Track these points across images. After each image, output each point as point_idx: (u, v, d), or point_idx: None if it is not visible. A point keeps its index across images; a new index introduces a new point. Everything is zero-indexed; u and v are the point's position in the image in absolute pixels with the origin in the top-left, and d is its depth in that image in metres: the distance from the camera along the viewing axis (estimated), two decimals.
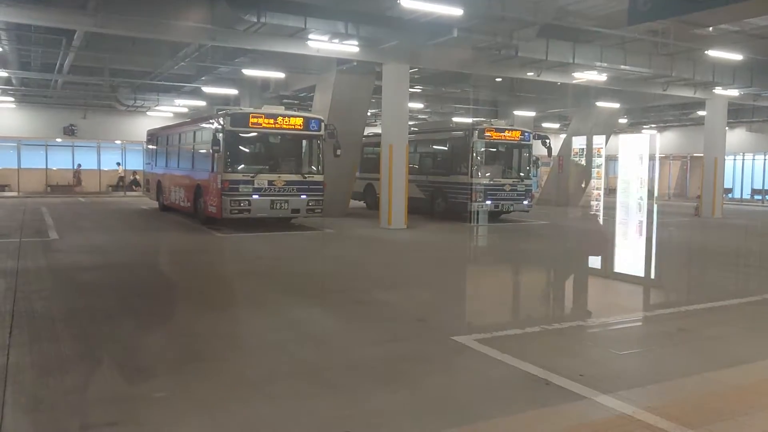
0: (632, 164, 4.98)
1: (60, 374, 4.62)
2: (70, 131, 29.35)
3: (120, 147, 31.87)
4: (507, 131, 17.73)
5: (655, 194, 4.73)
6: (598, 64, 15.85)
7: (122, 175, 31.60)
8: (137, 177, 30.35)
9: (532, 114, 27.30)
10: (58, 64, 18.88)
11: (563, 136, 29.27)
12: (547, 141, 17.57)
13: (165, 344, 5.52)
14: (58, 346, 5.36)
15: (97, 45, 17.18)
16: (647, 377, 4.76)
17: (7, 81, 22.98)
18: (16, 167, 29.52)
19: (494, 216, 17.51)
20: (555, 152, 19.69)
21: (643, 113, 29.39)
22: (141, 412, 3.92)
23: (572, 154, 23.21)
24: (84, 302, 7.15)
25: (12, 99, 26.81)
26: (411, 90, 18.01)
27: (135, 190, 29.63)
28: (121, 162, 31.93)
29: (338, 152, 14.50)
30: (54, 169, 30.53)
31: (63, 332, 5.82)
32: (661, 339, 6.00)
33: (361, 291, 7.96)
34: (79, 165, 30.92)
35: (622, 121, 29.42)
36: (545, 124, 30.37)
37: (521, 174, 17.75)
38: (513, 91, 24.14)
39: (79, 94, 25.81)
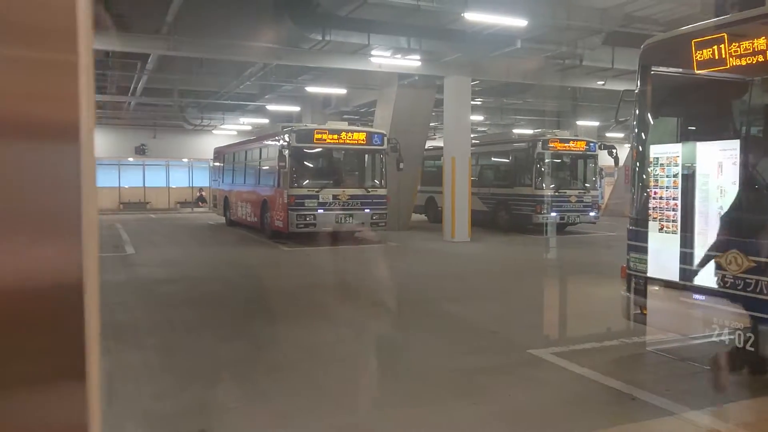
0: (711, 173, 4.78)
1: (146, 382, 4.79)
2: (141, 150, 30.59)
3: (187, 165, 32.98)
4: (572, 141, 17.42)
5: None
6: None
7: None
8: (203, 193, 31.30)
9: (597, 124, 26.72)
10: (132, 86, 19.77)
11: (628, 146, 28.51)
12: (614, 151, 17.14)
13: (242, 354, 5.65)
14: (142, 355, 5.57)
15: (167, 67, 17.92)
16: (739, 393, 4.55)
17: None
18: None
19: (560, 228, 17.17)
20: (621, 162, 19.15)
21: None
22: (226, 421, 4.02)
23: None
24: (164, 314, 7.41)
25: None
26: (471, 102, 17.95)
27: (201, 206, 30.55)
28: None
29: (401, 166, 14.58)
30: (126, 187, 31.87)
31: (146, 342, 6.04)
32: None
33: (430, 303, 7.94)
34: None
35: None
36: (609, 134, 29.64)
37: (587, 185, 17.38)
38: (576, 101, 23.71)
39: (149, 114, 26.93)
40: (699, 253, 4.75)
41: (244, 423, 4.00)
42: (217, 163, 22.43)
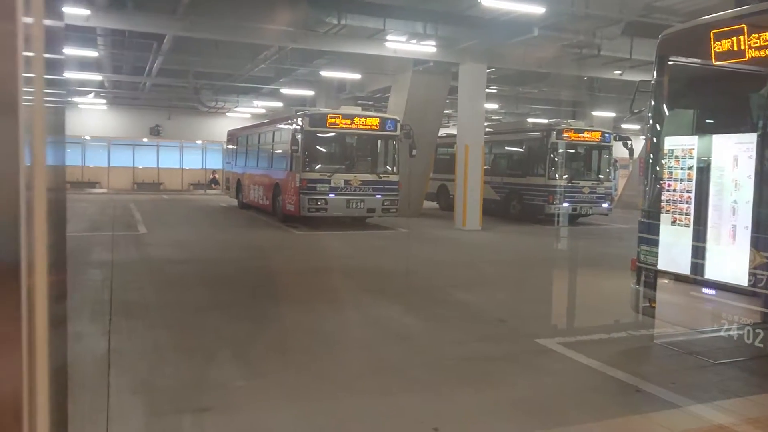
0: (726, 166, 4.72)
1: (156, 360, 4.85)
2: (155, 131, 30.72)
3: (201, 147, 33.10)
4: (586, 132, 17.28)
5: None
6: None
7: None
8: (216, 176, 31.43)
9: (612, 115, 26.46)
10: (147, 67, 19.82)
11: (644, 137, 28.18)
12: (629, 143, 16.99)
13: (252, 336, 5.69)
14: (153, 334, 5.63)
15: (183, 48, 17.92)
16: (746, 388, 4.53)
17: (100, 84, 24.31)
18: (106, 166, 31.22)
19: (572, 219, 17.09)
20: (636, 154, 19.01)
21: None
22: (232, 400, 4.06)
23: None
24: (175, 294, 7.48)
25: (104, 101, 28.34)
26: (486, 90, 17.83)
27: (214, 188, 30.69)
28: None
29: (414, 152, 14.54)
30: (140, 167, 32.06)
31: (157, 321, 6.10)
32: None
33: (440, 290, 7.95)
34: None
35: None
36: (625, 126, 29.38)
37: (601, 176, 17.27)
38: (592, 91, 23.47)
39: (164, 96, 27.00)
40: (711, 247, 4.72)
41: (250, 401, 4.04)
42: (230, 146, 22.50)
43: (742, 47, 4.48)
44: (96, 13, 12.18)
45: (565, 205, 16.43)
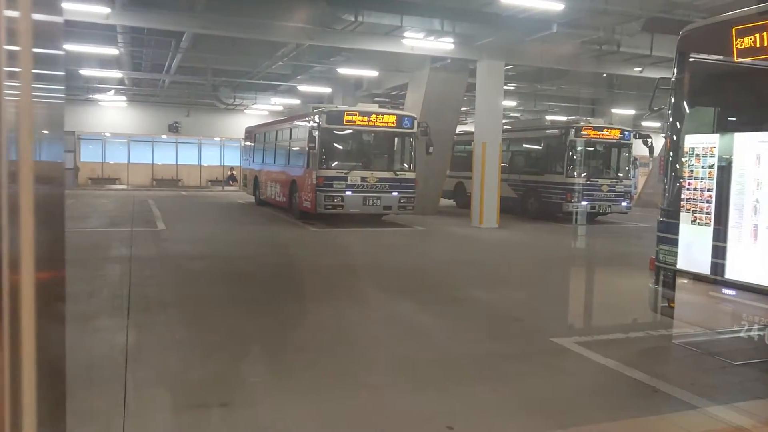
0: (748, 164, 4.64)
1: (174, 355, 4.90)
2: (174, 128, 30.97)
3: (219, 143, 33.32)
4: (606, 130, 17.13)
5: None
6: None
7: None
8: (234, 172, 31.62)
9: (632, 112, 26.20)
10: (166, 64, 19.99)
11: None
12: (649, 140, 16.80)
13: (266, 331, 5.72)
14: (170, 329, 5.68)
15: (201, 46, 18.04)
16: (767, 389, 4.46)
17: (120, 81, 24.56)
18: (126, 162, 31.55)
19: (590, 217, 16.95)
20: (656, 152, 18.79)
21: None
22: (250, 395, 4.09)
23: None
24: (192, 290, 7.54)
25: (124, 98, 28.63)
26: (504, 87, 17.73)
27: (232, 185, 30.87)
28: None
29: (430, 150, 14.51)
30: (159, 164, 32.35)
31: (174, 317, 6.16)
32: None
33: (456, 288, 7.93)
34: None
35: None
36: (645, 123, 29.05)
37: (620, 174, 17.10)
38: (612, 89, 23.24)
39: (183, 93, 27.21)
40: (732, 246, 4.65)
41: (265, 397, 4.06)
42: (248, 143, 22.62)
43: (765, 44, 4.41)
44: (116, 11, 12.30)
45: (584, 203, 16.30)
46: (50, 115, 0.94)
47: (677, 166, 5.31)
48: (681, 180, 5.15)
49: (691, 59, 5.37)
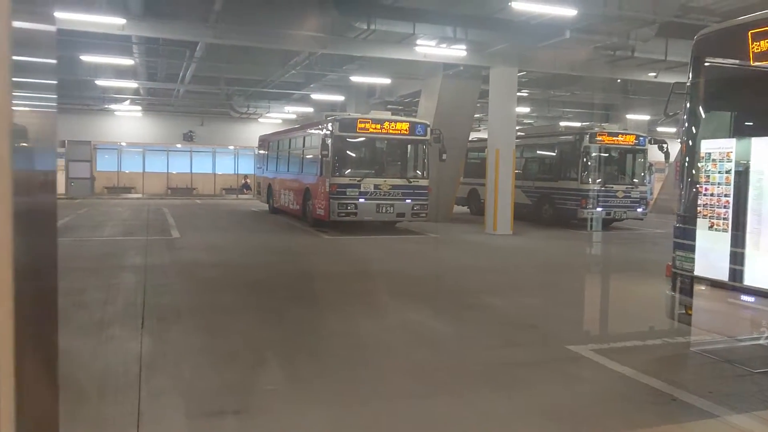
0: (766, 169, 4.59)
1: (187, 363, 4.91)
2: (189, 137, 31.22)
3: (233, 152, 33.53)
4: (620, 135, 17.03)
5: None
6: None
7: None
8: (248, 181, 31.79)
9: (647, 118, 26.02)
10: (180, 74, 20.17)
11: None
12: (665, 146, 16.66)
13: (281, 339, 5.72)
14: (184, 337, 5.70)
15: (215, 56, 18.18)
16: None
17: (136, 91, 24.82)
18: (141, 171, 31.86)
19: (605, 224, 16.84)
20: (672, 158, 18.63)
21: None
22: (263, 403, 4.08)
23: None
24: (206, 298, 7.56)
25: (139, 108, 28.93)
26: (517, 94, 17.68)
27: (246, 193, 31.02)
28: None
29: (444, 157, 14.49)
30: (174, 173, 32.61)
31: (189, 324, 6.18)
32: None
33: (470, 295, 7.89)
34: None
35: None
36: (660, 129, 28.85)
37: (635, 180, 16.97)
38: (626, 94, 23.10)
39: (197, 102, 27.45)
40: (751, 252, 4.58)
41: (280, 405, 4.05)
42: (261, 151, 22.74)
43: None
44: (131, 22, 12.44)
45: (599, 209, 16.18)
46: (42, 125, 0.93)
47: (693, 171, 5.25)
48: (697, 185, 5.09)
49: (706, 63, 5.32)
